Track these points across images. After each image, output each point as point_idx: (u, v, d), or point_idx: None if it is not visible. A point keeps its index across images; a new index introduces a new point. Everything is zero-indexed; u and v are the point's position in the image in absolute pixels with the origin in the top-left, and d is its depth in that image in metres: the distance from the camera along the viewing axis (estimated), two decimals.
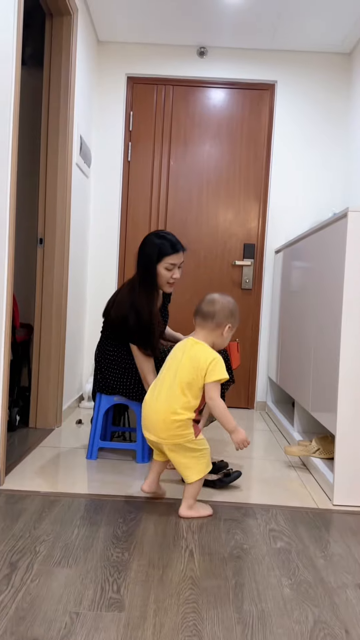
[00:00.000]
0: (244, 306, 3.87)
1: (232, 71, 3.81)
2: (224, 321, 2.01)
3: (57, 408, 3.12)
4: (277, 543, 1.78)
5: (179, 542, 1.75)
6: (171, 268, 2.45)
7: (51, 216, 3.07)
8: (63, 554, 1.63)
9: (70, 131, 3.10)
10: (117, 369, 2.51)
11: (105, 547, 1.69)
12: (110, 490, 2.17)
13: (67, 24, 3.05)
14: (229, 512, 2.02)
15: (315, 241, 2.67)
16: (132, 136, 3.88)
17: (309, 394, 2.65)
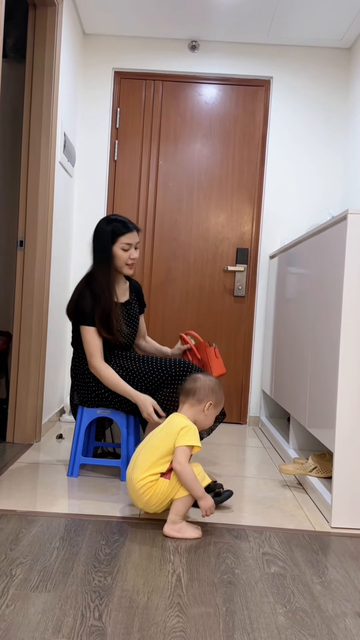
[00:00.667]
0: (236, 314, 3.87)
1: (225, 66, 3.82)
2: (204, 398, 2.12)
3: (36, 421, 3.08)
4: (271, 568, 1.76)
5: (166, 566, 1.72)
6: (127, 248, 2.54)
7: (32, 217, 3.05)
8: (41, 577, 1.60)
9: (54, 128, 3.09)
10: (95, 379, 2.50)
11: (87, 570, 1.66)
12: (93, 510, 2.15)
13: (51, 15, 3.05)
14: (220, 535, 1.99)
15: (313, 246, 2.67)
16: (119, 134, 3.88)
17: (305, 408, 2.64)
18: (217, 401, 2.16)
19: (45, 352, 3.15)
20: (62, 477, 2.52)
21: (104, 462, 2.57)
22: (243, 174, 3.87)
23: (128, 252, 2.55)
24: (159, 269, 3.87)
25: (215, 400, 2.14)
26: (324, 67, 3.81)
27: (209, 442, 3.32)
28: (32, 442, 3.07)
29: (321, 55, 3.81)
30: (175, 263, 3.87)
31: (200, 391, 2.13)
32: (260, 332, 3.88)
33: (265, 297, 3.86)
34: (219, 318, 3.87)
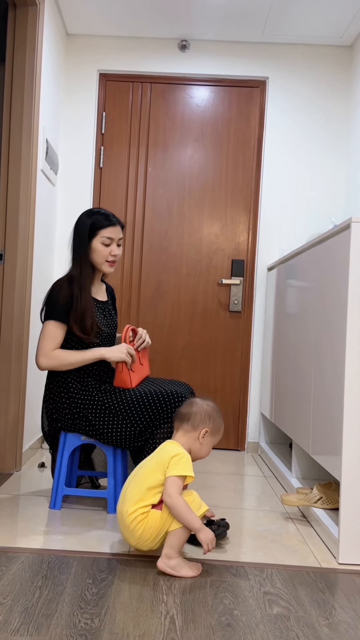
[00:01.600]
0: (232, 331, 3.87)
1: (218, 67, 3.86)
2: (200, 424, 2.10)
3: (16, 449, 3.06)
4: (273, 608, 1.74)
5: (158, 607, 1.70)
6: (109, 243, 2.54)
7: (12, 229, 3.04)
8: (22, 620, 1.58)
9: (35, 134, 3.10)
10: (80, 407, 2.46)
11: (72, 612, 1.63)
12: (78, 546, 2.12)
13: (32, 15, 3.07)
14: (217, 573, 1.97)
15: (314, 256, 2.68)
16: (104, 140, 3.90)
17: (308, 433, 2.63)
18: (215, 429, 2.12)
19: (26, 374, 3.13)
20: (44, 510, 2.49)
21: (90, 493, 2.55)
22: (238, 180, 3.89)
23: (109, 247, 2.54)
24: (148, 283, 3.87)
25: (212, 427, 2.11)
26: (324, 66, 3.85)
27: (203, 470, 3.30)
28: (12, 471, 3.04)
29: (320, 53, 3.85)
30: (166, 276, 3.87)
31: (195, 417, 2.10)
32: (258, 350, 3.87)
33: (263, 312, 3.86)
34: (214, 335, 3.86)
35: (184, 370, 3.86)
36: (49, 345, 2.44)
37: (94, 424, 2.43)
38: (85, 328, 2.45)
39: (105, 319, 2.61)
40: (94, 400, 2.44)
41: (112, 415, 2.41)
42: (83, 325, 2.44)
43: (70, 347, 2.50)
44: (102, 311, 2.62)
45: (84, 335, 2.45)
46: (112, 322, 2.67)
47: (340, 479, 2.13)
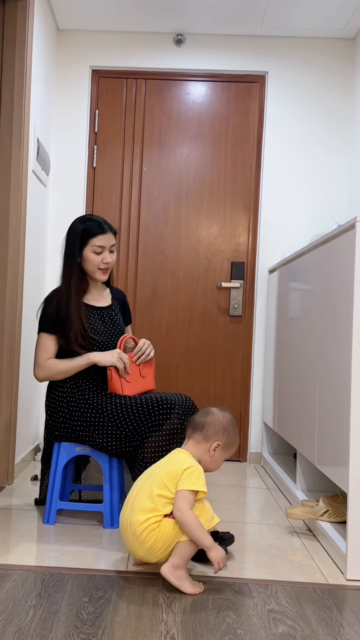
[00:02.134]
0: (233, 336, 3.86)
1: (215, 61, 3.87)
2: (212, 436, 2.07)
3: (8, 461, 3.04)
4: (278, 627, 1.72)
5: (158, 627, 1.68)
6: (99, 251, 2.59)
7: (3, 231, 3.04)
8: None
9: (26, 133, 3.10)
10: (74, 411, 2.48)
11: (68, 632, 1.62)
12: (73, 562, 2.11)
13: (22, 10, 3.08)
14: (219, 590, 1.96)
15: (317, 257, 2.68)
16: (97, 139, 3.90)
17: (314, 443, 2.62)
18: (228, 443, 2.10)
19: (18, 382, 3.12)
20: (37, 525, 2.48)
21: (84, 507, 2.54)
22: (237, 179, 3.89)
23: (101, 255, 2.59)
24: (144, 286, 3.86)
25: (225, 441, 2.09)
26: (325, 59, 3.86)
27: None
28: (3, 484, 3.03)
29: (322, 46, 3.86)
30: (163, 279, 3.86)
31: (209, 428, 2.08)
32: (260, 356, 3.87)
33: (264, 316, 3.86)
34: (213, 341, 3.86)
35: (182, 378, 3.85)
36: (41, 356, 2.55)
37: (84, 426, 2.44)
38: (68, 339, 2.52)
39: (103, 325, 2.62)
40: (86, 401, 2.48)
41: (100, 416, 2.43)
42: (66, 337, 2.52)
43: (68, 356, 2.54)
44: (100, 317, 2.63)
45: (66, 346, 2.53)
46: (114, 328, 2.67)
47: (347, 490, 2.12)
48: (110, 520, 2.47)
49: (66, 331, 2.52)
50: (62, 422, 2.50)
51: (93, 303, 2.66)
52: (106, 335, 2.61)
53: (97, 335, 2.57)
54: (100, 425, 2.43)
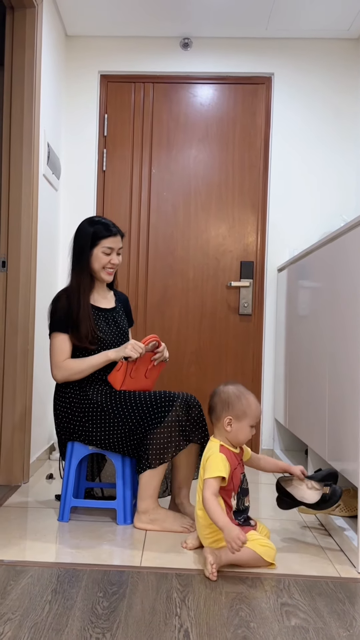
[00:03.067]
0: (243, 335, 3.85)
1: (221, 64, 3.86)
2: (221, 414, 2.16)
3: (23, 461, 3.05)
4: (291, 620, 1.72)
5: (171, 620, 1.68)
6: (109, 252, 2.62)
7: (15, 235, 3.05)
8: (32, 635, 1.57)
9: (36, 138, 3.11)
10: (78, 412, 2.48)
11: (83, 627, 1.62)
12: (88, 559, 2.11)
13: (31, 18, 3.08)
14: (232, 584, 1.95)
15: (326, 255, 2.67)
16: (107, 142, 3.90)
17: (324, 439, 2.61)
18: (238, 413, 2.14)
19: (32, 383, 3.13)
20: (53, 522, 2.48)
21: (98, 505, 2.54)
22: (244, 180, 3.88)
23: (109, 256, 2.62)
24: (154, 287, 3.86)
25: (234, 413, 2.13)
26: (331, 60, 3.84)
27: None
28: (19, 483, 3.04)
29: (327, 47, 3.84)
30: (173, 280, 3.86)
31: (216, 407, 2.18)
32: (270, 354, 3.85)
33: (274, 314, 3.85)
34: (224, 340, 3.85)
35: (193, 377, 3.85)
36: (58, 357, 2.55)
37: (87, 426, 2.45)
38: (79, 336, 2.53)
39: (108, 327, 2.62)
40: (89, 401, 2.48)
41: (103, 413, 2.44)
42: (78, 333, 2.53)
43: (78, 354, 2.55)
44: (104, 319, 2.64)
45: (78, 343, 2.54)
46: (119, 331, 2.68)
47: (358, 485, 2.11)
48: (124, 517, 2.47)
49: (78, 328, 2.52)
50: (68, 424, 2.51)
51: (98, 304, 2.67)
52: (111, 336, 2.62)
53: (102, 334, 2.58)
54: (103, 423, 2.44)
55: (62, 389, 2.56)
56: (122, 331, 2.70)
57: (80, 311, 2.54)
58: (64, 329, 2.54)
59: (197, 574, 2.01)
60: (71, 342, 2.55)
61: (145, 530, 2.42)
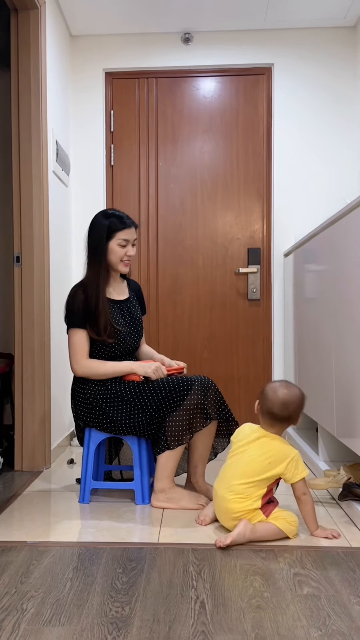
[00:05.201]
0: (253, 319, 3.84)
1: (223, 57, 3.84)
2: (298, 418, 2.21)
3: (45, 447, 3.08)
4: (303, 589, 1.72)
5: (188, 593, 1.70)
6: (124, 244, 2.59)
7: (27, 231, 3.06)
8: (54, 611, 1.59)
9: (44, 137, 3.12)
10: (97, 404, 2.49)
11: (103, 601, 1.64)
12: (108, 537, 2.13)
13: (34, 19, 3.08)
14: (246, 556, 1.96)
15: (329, 238, 2.65)
16: (114, 138, 3.90)
17: (333, 416, 2.60)
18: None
19: (50, 373, 3.15)
20: (74, 504, 2.51)
21: (117, 486, 2.56)
22: (249, 169, 3.86)
23: (125, 248, 2.59)
24: (165, 276, 3.86)
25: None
26: (329, 48, 3.80)
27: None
28: (41, 469, 3.07)
29: (324, 36, 3.80)
30: (183, 269, 3.86)
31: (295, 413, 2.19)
32: (279, 337, 3.85)
33: (282, 298, 3.84)
34: (234, 325, 3.85)
35: (206, 362, 3.85)
36: (79, 353, 2.52)
37: (108, 413, 2.45)
38: (98, 330, 2.51)
39: (123, 318, 2.62)
40: (108, 390, 2.48)
41: (124, 402, 2.44)
42: (97, 327, 2.51)
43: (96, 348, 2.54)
44: (119, 310, 2.63)
45: (98, 337, 2.51)
46: (133, 320, 2.68)
47: None
48: (142, 497, 2.49)
49: (97, 322, 2.50)
50: (88, 413, 2.51)
51: (112, 297, 2.65)
52: (126, 328, 2.62)
53: (119, 327, 2.58)
54: (124, 412, 2.43)
55: (81, 379, 2.55)
56: (137, 321, 2.70)
57: (98, 306, 2.51)
58: (82, 325, 2.51)
59: (212, 548, 2.03)
60: (89, 336, 2.53)
61: (163, 509, 2.44)
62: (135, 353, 2.74)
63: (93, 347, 2.55)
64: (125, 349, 2.59)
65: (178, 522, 2.29)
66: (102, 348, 2.54)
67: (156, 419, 2.41)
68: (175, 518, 2.33)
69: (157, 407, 2.40)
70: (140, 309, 2.78)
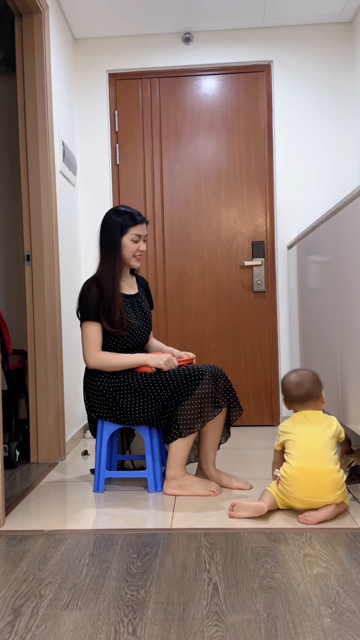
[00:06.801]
0: (258, 311, 3.84)
1: (222, 55, 3.82)
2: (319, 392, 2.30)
3: (59, 440, 3.09)
4: (313, 569, 1.73)
5: (201, 575, 1.70)
6: (137, 239, 2.60)
7: (37, 230, 3.07)
8: (71, 595, 1.60)
9: (51, 138, 3.12)
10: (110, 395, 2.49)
11: (118, 585, 1.65)
12: (122, 524, 2.14)
13: (38, 23, 3.08)
14: (257, 539, 1.96)
15: (330, 228, 2.64)
16: (119, 137, 3.90)
17: (338, 402, 2.60)
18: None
19: (62, 367, 3.16)
20: (88, 494, 2.52)
21: (130, 475, 2.56)
22: (251, 164, 3.85)
23: (137, 243, 2.60)
24: (172, 271, 3.86)
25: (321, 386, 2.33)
26: (326, 44, 3.78)
27: (240, 446, 3.30)
28: (56, 460, 3.08)
29: (322, 32, 3.78)
30: (189, 263, 3.86)
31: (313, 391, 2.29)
32: (285, 327, 3.84)
33: (287, 290, 3.83)
34: (240, 316, 3.84)
35: (214, 354, 3.85)
36: (91, 346, 2.52)
37: (121, 404, 2.45)
38: (113, 322, 2.51)
39: (134, 312, 2.62)
40: (120, 382, 2.48)
41: (137, 393, 2.44)
42: (112, 320, 2.51)
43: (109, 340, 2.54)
44: (130, 304, 2.63)
45: (113, 330, 2.51)
46: (143, 314, 2.68)
47: None
48: (154, 485, 2.49)
49: (113, 315, 2.50)
50: (100, 405, 2.51)
51: (125, 291, 2.66)
52: (138, 321, 2.62)
53: (132, 320, 2.59)
54: (136, 403, 2.43)
55: (93, 372, 2.55)
56: (146, 315, 2.70)
57: (114, 299, 2.51)
58: (96, 318, 2.51)
59: (224, 532, 2.03)
60: (103, 329, 2.53)
61: (175, 496, 2.44)
62: (145, 346, 2.74)
63: (105, 340, 2.55)
64: (136, 341, 2.60)
65: (190, 508, 2.29)
66: (114, 341, 2.55)
67: (168, 409, 2.41)
68: (187, 504, 2.34)
69: (169, 397, 2.40)
70: (148, 304, 2.79)
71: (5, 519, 2.21)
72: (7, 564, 1.82)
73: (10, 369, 3.05)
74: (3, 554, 1.90)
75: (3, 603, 1.57)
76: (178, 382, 2.40)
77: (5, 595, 1.61)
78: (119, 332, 2.52)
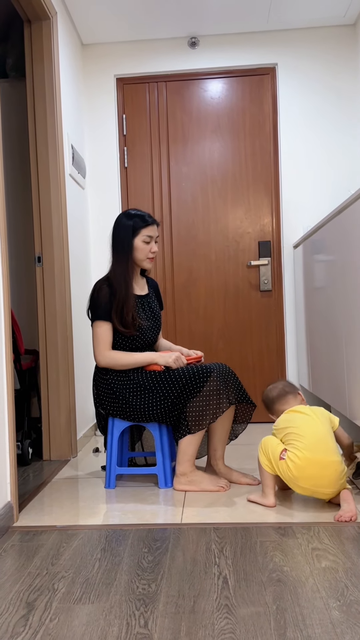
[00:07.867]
0: (265, 310, 3.83)
1: (228, 59, 3.82)
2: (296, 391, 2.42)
3: (71, 437, 3.10)
4: (321, 562, 1.72)
5: (211, 569, 1.70)
6: (149, 241, 2.61)
7: (47, 232, 3.08)
8: (84, 589, 1.60)
9: (60, 142, 3.12)
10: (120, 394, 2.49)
11: (130, 579, 1.65)
12: (133, 519, 2.14)
13: (47, 29, 3.09)
14: (266, 533, 1.96)
15: (335, 228, 2.64)
16: (127, 140, 3.90)
17: (345, 398, 2.59)
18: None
19: (73, 366, 3.17)
20: (100, 490, 2.52)
21: (141, 471, 2.57)
22: (257, 165, 3.84)
23: (149, 245, 2.60)
24: (180, 271, 3.86)
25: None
26: (330, 46, 3.77)
27: (247, 442, 3.29)
28: (68, 458, 3.09)
29: (325, 34, 3.77)
30: (197, 263, 3.86)
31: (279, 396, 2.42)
32: (291, 326, 3.83)
33: (293, 288, 3.82)
34: (247, 315, 3.84)
35: (221, 352, 3.85)
36: (102, 344, 2.53)
37: (131, 402, 2.45)
38: (125, 322, 2.51)
39: (144, 313, 2.63)
40: (130, 380, 2.48)
41: (147, 391, 2.44)
42: (124, 320, 2.51)
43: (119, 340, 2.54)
44: (141, 305, 2.64)
45: (125, 329, 2.52)
46: (153, 315, 2.68)
47: None
48: (164, 481, 2.49)
49: (125, 316, 2.51)
50: (110, 403, 2.51)
51: (136, 291, 2.66)
52: (148, 322, 2.63)
53: (143, 321, 2.59)
54: (146, 401, 2.43)
55: (104, 370, 2.56)
56: (156, 316, 2.70)
57: (127, 300, 2.52)
58: (107, 317, 2.52)
59: (233, 527, 2.03)
60: (114, 328, 2.53)
61: (185, 491, 2.44)
62: (154, 346, 2.74)
63: (115, 339, 2.55)
64: (146, 341, 2.60)
65: (200, 503, 2.29)
66: (124, 340, 2.55)
67: (177, 406, 2.41)
68: (197, 499, 2.34)
69: (178, 395, 2.40)
70: (158, 305, 2.79)
71: (18, 515, 2.22)
72: (21, 558, 1.82)
73: (22, 368, 3.06)
74: (17, 549, 1.90)
75: (17, 597, 1.57)
76: (187, 380, 2.40)
77: (19, 589, 1.62)
78: (130, 332, 2.52)
